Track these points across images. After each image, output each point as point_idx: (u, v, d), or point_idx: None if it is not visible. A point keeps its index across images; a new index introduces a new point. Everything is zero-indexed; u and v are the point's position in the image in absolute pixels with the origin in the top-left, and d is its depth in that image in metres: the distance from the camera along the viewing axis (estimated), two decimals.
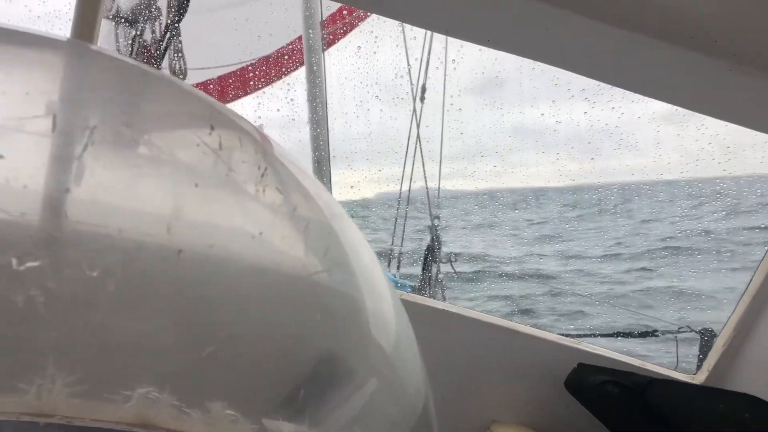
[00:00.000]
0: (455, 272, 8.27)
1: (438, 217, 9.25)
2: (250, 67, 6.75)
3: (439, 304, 2.54)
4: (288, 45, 6.85)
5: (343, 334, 0.77)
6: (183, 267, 0.60)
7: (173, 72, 5.06)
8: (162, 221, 0.60)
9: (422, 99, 8.90)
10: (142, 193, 0.62)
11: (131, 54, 5.15)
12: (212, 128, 0.75)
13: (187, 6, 4.59)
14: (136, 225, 0.59)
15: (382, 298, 0.89)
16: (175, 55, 4.88)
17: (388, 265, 9.79)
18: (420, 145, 9.03)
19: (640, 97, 2.12)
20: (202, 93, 0.92)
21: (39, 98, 0.65)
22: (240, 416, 0.58)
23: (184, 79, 5.17)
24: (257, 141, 0.87)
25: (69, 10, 1.72)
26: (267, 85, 6.84)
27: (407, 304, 2.47)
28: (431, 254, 8.19)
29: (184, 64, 4.94)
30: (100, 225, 0.58)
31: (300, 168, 0.91)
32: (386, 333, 0.86)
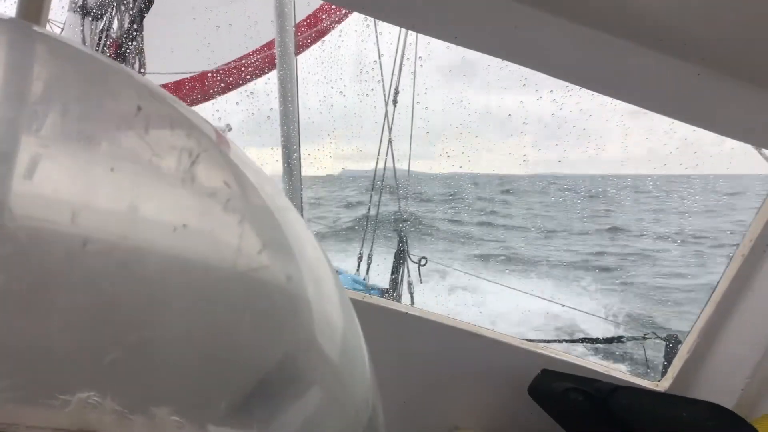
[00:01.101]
0: (420, 278, 8.23)
1: (406, 221, 9.23)
2: (211, 73, 6.69)
3: (401, 307, 2.49)
4: (255, 50, 6.80)
5: (284, 339, 0.70)
6: (90, 260, 0.53)
7: (133, 70, 4.97)
8: (66, 208, 0.54)
9: (395, 102, 8.87)
10: (45, 176, 0.55)
11: (97, 48, 5.06)
12: (139, 109, 0.69)
13: (152, 2, 4.50)
14: (36, 212, 0.53)
15: (328, 299, 0.83)
16: (136, 54, 4.80)
17: (358, 268, 9.72)
18: (391, 148, 9.01)
19: (609, 100, 2.10)
20: (143, 78, 0.85)
21: None
22: (185, 422, 0.54)
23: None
24: (195, 128, 0.80)
25: None
26: (230, 90, 6.78)
27: (368, 307, 2.43)
28: (399, 255, 8.14)
29: (144, 63, 4.85)
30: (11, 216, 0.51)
31: (244, 159, 0.84)
32: (331, 339, 0.80)
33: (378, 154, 9.14)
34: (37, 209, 0.53)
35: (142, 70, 4.97)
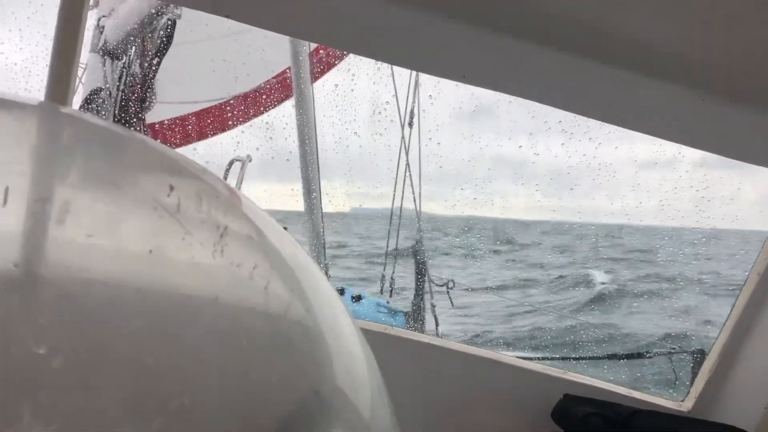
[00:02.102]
0: (452, 303, 8.14)
1: (421, 242, 9.23)
2: (229, 104, 6.79)
3: (423, 338, 2.54)
4: (270, 80, 6.90)
5: (305, 387, 0.77)
6: (135, 336, 0.60)
7: (143, 102, 5.09)
8: (114, 290, 0.61)
9: (410, 124, 8.94)
10: (93, 263, 0.62)
11: (117, 86, 5.19)
12: (171, 189, 0.76)
13: (172, 40, 4.63)
14: (88, 295, 0.60)
15: (351, 355, 0.89)
16: (147, 87, 4.93)
17: (381, 291, 9.74)
18: (409, 170, 9.06)
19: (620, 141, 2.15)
20: (169, 150, 0.93)
21: None
22: None
23: (150, 109, 5.20)
24: (221, 197, 0.87)
25: (46, 55, 1.74)
26: (246, 121, 6.88)
27: (391, 339, 2.48)
28: (421, 280, 8.10)
29: (155, 98, 4.98)
30: (59, 294, 0.58)
31: (266, 220, 0.91)
32: (351, 382, 0.86)
33: (395, 179, 9.20)
34: (86, 291, 0.60)
35: (152, 100, 5.11)
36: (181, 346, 0.63)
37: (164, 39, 4.84)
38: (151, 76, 5.00)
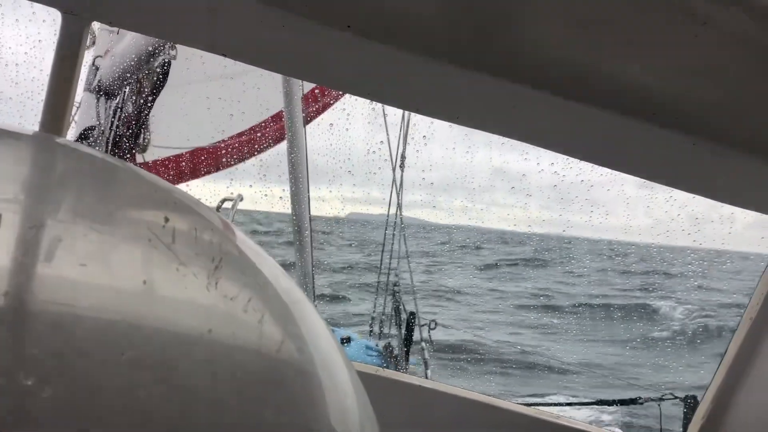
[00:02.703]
0: (431, 343, 8.10)
1: (398, 285, 9.21)
2: (223, 144, 6.84)
3: (414, 380, 2.51)
4: (262, 122, 6.97)
5: (304, 427, 0.75)
6: (127, 370, 0.58)
7: (139, 144, 5.11)
8: (106, 322, 0.59)
9: (402, 167, 9.03)
10: (85, 293, 0.61)
11: (111, 125, 5.22)
12: (166, 220, 0.75)
13: (166, 80, 4.68)
14: (76, 327, 0.58)
15: (342, 388, 0.87)
16: (142, 128, 4.96)
17: (370, 333, 9.68)
18: (400, 212, 9.11)
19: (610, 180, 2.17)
20: (163, 182, 0.92)
21: None
22: None
23: (144, 151, 5.21)
24: (215, 229, 0.86)
25: (41, 90, 1.75)
26: (239, 162, 6.92)
27: (381, 381, 2.45)
28: (406, 325, 8.04)
29: (149, 137, 5.01)
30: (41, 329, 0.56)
31: (260, 254, 0.90)
32: (349, 427, 0.84)
33: (387, 215, 9.24)
34: (77, 323, 0.58)
35: (147, 140, 5.14)
36: (173, 381, 0.62)
37: (159, 79, 4.89)
38: (144, 115, 5.04)
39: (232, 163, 6.84)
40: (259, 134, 6.86)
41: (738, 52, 1.57)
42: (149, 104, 4.99)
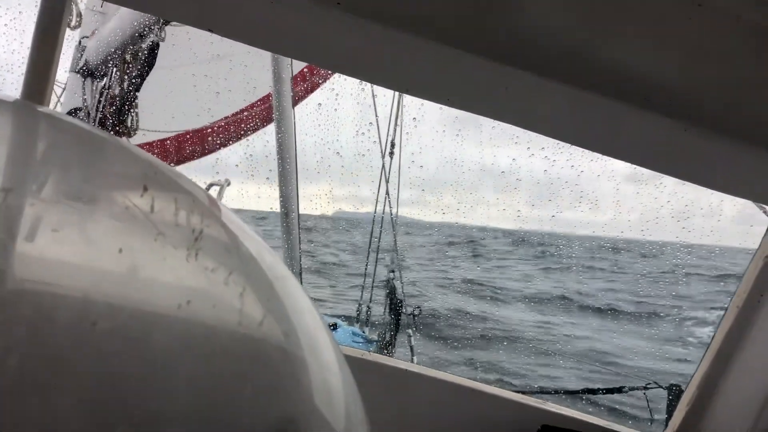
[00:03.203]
0: (418, 329, 8.14)
1: (394, 271, 9.22)
2: (211, 129, 6.78)
3: (400, 364, 2.49)
4: (251, 105, 6.91)
5: (284, 406, 0.73)
6: (99, 338, 0.56)
7: (127, 127, 5.06)
8: (78, 290, 0.57)
9: (391, 154, 8.99)
10: (58, 262, 0.58)
11: (97, 107, 5.15)
12: (145, 189, 0.72)
13: (154, 62, 4.61)
14: (48, 294, 0.56)
15: (326, 365, 0.85)
16: (130, 111, 4.90)
17: (356, 319, 9.68)
18: (389, 199, 9.08)
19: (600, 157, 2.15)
20: (145, 154, 0.89)
21: None
22: None
23: (134, 134, 5.16)
24: (197, 202, 0.83)
25: (22, 64, 1.71)
26: (226, 145, 6.87)
27: (367, 365, 2.43)
28: (394, 310, 8.08)
29: (136, 119, 4.95)
30: (9, 295, 0.54)
31: (244, 229, 0.87)
32: (330, 403, 0.82)
33: (376, 204, 9.21)
34: (47, 290, 0.56)
35: (135, 126, 5.07)
36: (147, 353, 0.59)
37: (147, 62, 4.82)
38: (132, 97, 4.96)
39: (219, 146, 6.79)
40: (246, 114, 6.81)
41: (733, 35, 1.56)
42: (137, 86, 4.92)
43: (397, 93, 8.30)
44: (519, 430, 2.41)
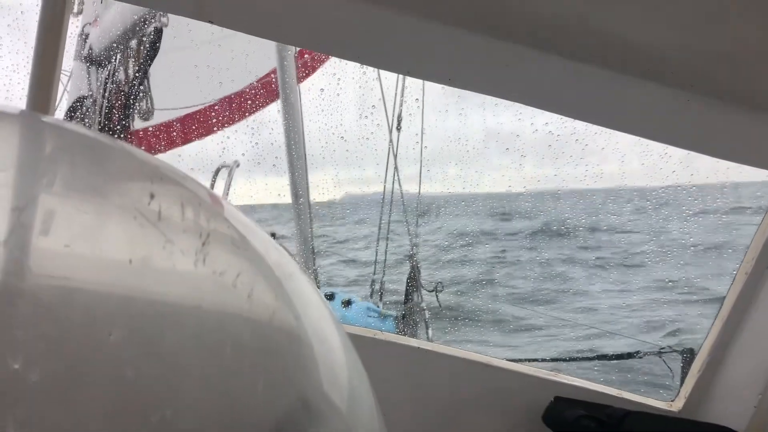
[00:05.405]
0: (440, 306, 8.14)
1: (416, 245, 9.20)
2: (213, 108, 6.77)
3: (413, 342, 2.53)
4: (254, 83, 6.89)
5: (292, 395, 0.76)
6: (117, 350, 0.59)
7: (140, 112, 5.07)
8: (93, 304, 0.59)
9: (398, 128, 8.96)
10: (71, 273, 0.61)
11: (103, 95, 5.17)
12: (152, 197, 0.75)
13: (158, 49, 4.62)
14: (63, 308, 0.58)
15: (338, 362, 0.88)
16: (142, 95, 4.91)
17: (371, 295, 9.74)
18: (397, 174, 9.07)
19: (604, 129, 2.16)
20: (151, 158, 0.91)
21: None
22: None
23: (151, 117, 5.17)
24: (204, 204, 0.86)
25: (27, 64, 1.73)
26: (231, 124, 6.87)
27: (380, 344, 2.47)
28: (412, 283, 8.10)
29: (151, 103, 4.96)
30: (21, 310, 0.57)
31: (250, 227, 0.90)
32: (338, 389, 0.85)
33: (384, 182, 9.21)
34: (63, 306, 0.58)
35: (150, 109, 5.09)
36: (163, 358, 0.62)
37: (150, 47, 4.81)
38: (137, 83, 4.97)
39: (223, 127, 6.79)
40: (248, 98, 6.80)
41: (735, 3, 1.55)
42: (146, 72, 4.92)
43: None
44: (533, 403, 2.45)
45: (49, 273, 0.61)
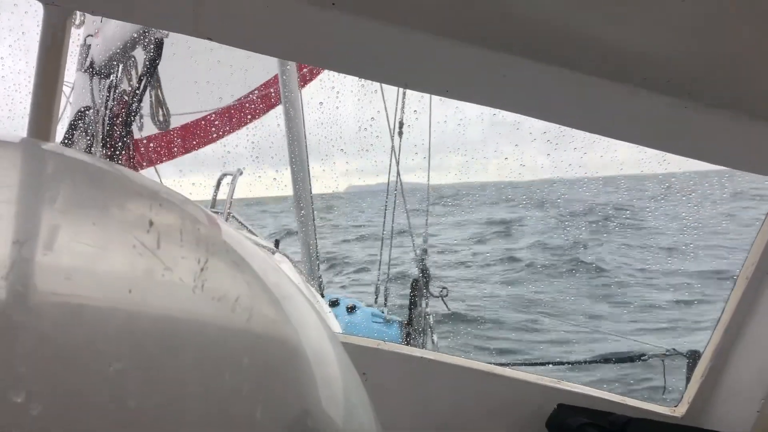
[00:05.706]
0: (448, 309, 8.08)
1: (425, 250, 9.18)
2: (214, 117, 6.81)
3: (416, 352, 2.54)
4: (256, 89, 6.93)
5: (291, 413, 0.77)
6: (119, 380, 0.60)
7: (156, 121, 5.09)
8: (94, 335, 0.61)
9: (400, 134, 8.97)
10: (70, 306, 0.62)
11: (106, 105, 5.18)
12: (151, 224, 0.76)
13: (160, 58, 4.64)
14: (68, 337, 0.60)
15: (336, 381, 0.89)
16: (157, 105, 4.92)
17: (375, 301, 9.73)
18: (399, 179, 9.08)
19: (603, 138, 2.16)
20: (150, 182, 0.93)
21: None
22: None
23: (167, 127, 5.17)
24: (202, 228, 0.87)
25: (29, 83, 1.75)
26: (231, 132, 6.90)
27: (383, 354, 2.48)
28: (418, 289, 8.06)
29: (168, 113, 4.97)
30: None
31: (248, 249, 0.91)
32: (336, 404, 0.87)
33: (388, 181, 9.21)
34: (65, 338, 0.60)
35: (164, 118, 5.09)
36: (163, 387, 0.63)
37: (152, 57, 4.83)
38: (140, 94, 4.99)
39: (224, 134, 6.82)
40: (247, 106, 6.85)
41: (729, 9, 1.56)
42: (144, 84, 4.93)
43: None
44: (536, 411, 2.45)
45: (51, 304, 0.62)
